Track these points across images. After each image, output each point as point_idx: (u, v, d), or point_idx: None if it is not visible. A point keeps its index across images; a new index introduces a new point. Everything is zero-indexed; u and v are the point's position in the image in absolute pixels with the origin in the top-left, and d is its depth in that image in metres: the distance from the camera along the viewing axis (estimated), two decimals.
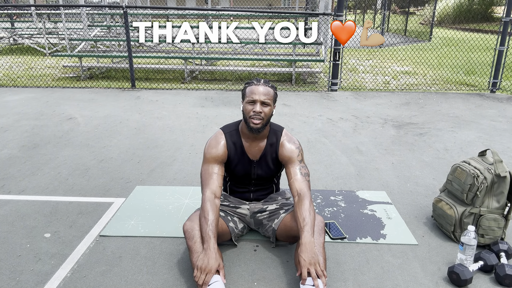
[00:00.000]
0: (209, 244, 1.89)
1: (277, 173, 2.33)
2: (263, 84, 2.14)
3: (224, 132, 2.24)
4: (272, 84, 2.19)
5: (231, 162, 2.23)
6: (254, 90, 2.12)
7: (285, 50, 9.27)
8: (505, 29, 6.00)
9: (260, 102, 2.10)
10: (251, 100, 2.11)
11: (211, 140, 2.22)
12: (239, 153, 2.22)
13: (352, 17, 20.53)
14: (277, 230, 2.22)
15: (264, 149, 2.23)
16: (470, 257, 2.02)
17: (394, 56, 9.60)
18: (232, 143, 2.22)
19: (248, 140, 2.22)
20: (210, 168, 2.15)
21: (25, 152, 3.77)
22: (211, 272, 1.82)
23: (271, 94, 2.13)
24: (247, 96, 2.13)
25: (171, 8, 6.77)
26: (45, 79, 7.24)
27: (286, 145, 2.22)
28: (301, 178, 2.14)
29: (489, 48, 9.55)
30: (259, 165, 2.25)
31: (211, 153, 2.17)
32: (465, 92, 6.36)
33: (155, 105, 5.53)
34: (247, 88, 2.15)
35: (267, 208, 2.31)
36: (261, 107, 2.09)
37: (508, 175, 2.22)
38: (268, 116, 2.13)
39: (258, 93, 2.10)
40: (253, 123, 2.10)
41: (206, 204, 2.02)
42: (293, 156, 2.20)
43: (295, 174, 2.15)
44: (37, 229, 2.48)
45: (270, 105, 2.12)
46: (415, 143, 4.04)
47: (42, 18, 10.71)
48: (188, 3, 29.35)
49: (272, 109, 2.15)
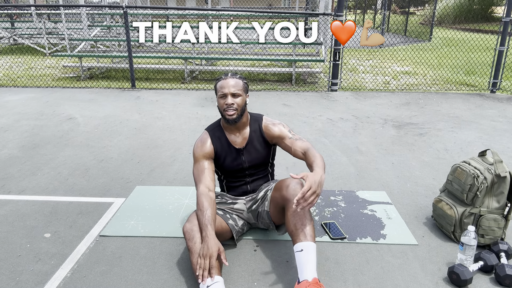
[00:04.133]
0: (207, 232, 1.93)
1: (268, 157, 2.37)
2: (231, 77, 2.24)
3: (208, 130, 2.34)
4: (240, 75, 2.28)
5: (219, 156, 2.29)
6: (223, 84, 2.21)
7: (285, 50, 9.27)
8: (505, 29, 6.00)
9: (231, 94, 2.19)
10: (222, 94, 2.20)
11: (198, 141, 2.32)
12: (225, 146, 2.30)
13: (352, 17, 20.52)
14: (270, 211, 2.25)
15: (249, 137, 2.31)
16: (470, 257, 2.02)
17: (394, 56, 9.59)
18: (217, 138, 2.30)
19: (231, 132, 2.31)
20: (201, 165, 2.23)
21: (25, 152, 3.77)
22: (213, 256, 1.85)
23: (240, 84, 2.22)
24: (218, 91, 2.23)
25: (171, 8, 6.77)
26: (45, 79, 7.24)
27: (270, 126, 2.33)
28: (299, 141, 2.25)
29: (489, 48, 9.55)
30: (247, 152, 2.31)
31: (199, 151, 2.26)
32: (465, 92, 6.36)
33: (155, 105, 5.53)
34: (217, 84, 2.25)
35: (258, 197, 2.35)
36: (232, 99, 2.18)
37: (508, 175, 2.22)
38: (241, 106, 2.22)
39: (227, 86, 2.19)
40: (228, 115, 2.19)
41: (201, 198, 2.08)
42: (282, 131, 2.30)
43: (291, 143, 2.26)
44: (37, 229, 2.48)
45: (241, 95, 2.21)
46: (415, 143, 4.04)
47: (42, 18, 10.70)
48: (188, 3, 29.35)
49: (244, 99, 2.24)
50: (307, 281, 1.80)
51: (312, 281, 1.79)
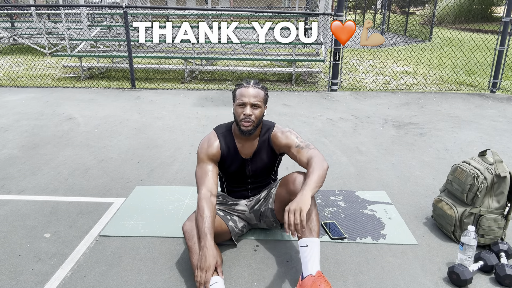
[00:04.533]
0: (206, 242, 1.90)
1: (273, 166, 2.33)
2: (253, 86, 2.12)
3: (217, 132, 2.24)
4: (262, 85, 2.18)
5: (224, 162, 2.24)
6: (243, 92, 2.10)
7: (285, 50, 9.27)
8: (505, 29, 6.00)
9: (250, 104, 2.08)
10: (241, 103, 2.09)
11: (205, 140, 2.22)
12: (232, 154, 2.22)
13: (352, 17, 20.52)
14: (274, 208, 2.23)
15: (257, 146, 2.24)
16: (470, 257, 2.02)
17: (394, 56, 9.59)
18: (226, 144, 2.21)
19: (241, 140, 2.22)
20: (205, 167, 2.15)
21: (25, 152, 3.77)
22: (210, 270, 1.84)
23: (261, 95, 2.12)
24: (237, 99, 2.12)
25: (171, 8, 6.77)
26: (45, 79, 7.24)
27: (278, 135, 2.22)
28: (305, 149, 2.13)
29: (489, 48, 9.55)
30: (253, 162, 2.26)
31: (205, 153, 2.17)
32: (465, 92, 6.36)
33: (155, 105, 5.53)
34: (237, 91, 2.14)
35: (260, 196, 2.34)
36: (251, 110, 2.08)
37: (508, 175, 2.22)
38: (259, 119, 2.12)
39: (247, 96, 2.08)
40: (243, 126, 2.10)
41: (202, 202, 2.03)
42: (289, 139, 2.19)
43: (297, 152, 2.14)
44: (37, 229, 2.48)
45: (260, 107, 2.11)
46: (415, 143, 4.04)
47: (42, 18, 10.70)
48: (188, 3, 29.34)
49: (263, 111, 2.14)
50: (311, 275, 1.83)
51: (316, 274, 1.83)
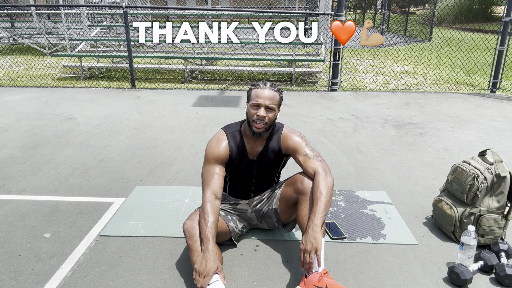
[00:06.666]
0: (207, 246, 1.89)
1: (278, 167, 2.32)
2: (269, 88, 2.10)
3: (226, 132, 2.21)
4: (278, 88, 2.16)
5: (232, 162, 2.22)
6: (259, 93, 2.08)
7: (285, 50, 9.26)
8: (505, 29, 6.00)
9: (265, 106, 2.07)
10: (256, 104, 2.08)
11: (213, 140, 2.19)
12: (240, 155, 2.20)
13: (352, 17, 20.52)
14: (279, 208, 2.23)
15: (264, 147, 2.22)
16: (470, 257, 2.02)
17: (394, 56, 9.59)
18: (234, 144, 2.19)
19: (250, 141, 2.20)
20: (212, 169, 2.13)
21: (25, 152, 3.77)
22: (209, 275, 1.83)
23: (276, 98, 2.10)
24: (252, 99, 2.10)
25: (171, 8, 6.77)
26: (45, 79, 7.24)
27: (288, 136, 2.19)
28: (313, 161, 2.10)
29: (489, 48, 9.54)
30: (259, 163, 2.24)
31: (212, 153, 2.15)
32: (465, 92, 6.36)
33: (155, 105, 5.52)
34: (253, 91, 2.12)
35: (264, 196, 2.33)
36: (265, 112, 2.07)
37: (508, 175, 2.22)
38: (272, 121, 2.11)
39: (263, 97, 2.07)
40: (256, 127, 2.08)
41: (207, 205, 2.02)
42: (298, 145, 2.16)
43: (304, 161, 2.11)
44: (37, 229, 2.48)
45: (275, 110, 2.10)
46: (415, 143, 4.04)
47: (42, 18, 10.70)
48: (188, 3, 29.33)
49: (276, 114, 2.12)
50: (317, 272, 1.84)
51: (322, 271, 1.85)
